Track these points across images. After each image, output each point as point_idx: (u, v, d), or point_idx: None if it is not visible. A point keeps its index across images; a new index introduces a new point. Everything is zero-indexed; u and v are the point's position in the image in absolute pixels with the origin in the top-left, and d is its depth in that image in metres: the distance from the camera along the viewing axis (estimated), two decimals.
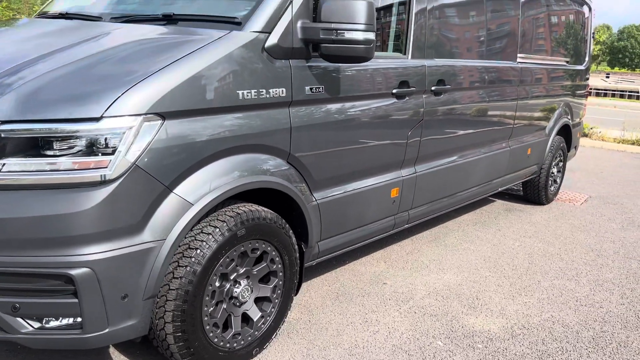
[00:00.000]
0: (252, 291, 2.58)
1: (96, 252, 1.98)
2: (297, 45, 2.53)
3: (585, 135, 11.58)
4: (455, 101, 3.81)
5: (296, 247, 2.74)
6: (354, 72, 2.87)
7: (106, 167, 1.98)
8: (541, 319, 3.30)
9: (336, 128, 2.84)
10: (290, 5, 2.49)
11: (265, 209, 2.53)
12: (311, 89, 2.63)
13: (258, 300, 2.63)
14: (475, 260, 4.20)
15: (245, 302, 2.55)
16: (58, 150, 1.97)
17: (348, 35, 2.47)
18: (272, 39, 2.43)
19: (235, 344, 2.51)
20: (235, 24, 2.40)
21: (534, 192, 5.92)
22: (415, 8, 3.30)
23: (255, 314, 2.60)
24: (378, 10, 3.22)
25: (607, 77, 64.29)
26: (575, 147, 6.84)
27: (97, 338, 2.06)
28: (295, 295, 2.89)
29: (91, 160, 1.98)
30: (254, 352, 2.61)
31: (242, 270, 2.50)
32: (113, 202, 1.99)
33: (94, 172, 1.98)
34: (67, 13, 2.95)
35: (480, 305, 3.43)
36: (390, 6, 3.33)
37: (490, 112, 4.41)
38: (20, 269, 1.95)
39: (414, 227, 4.75)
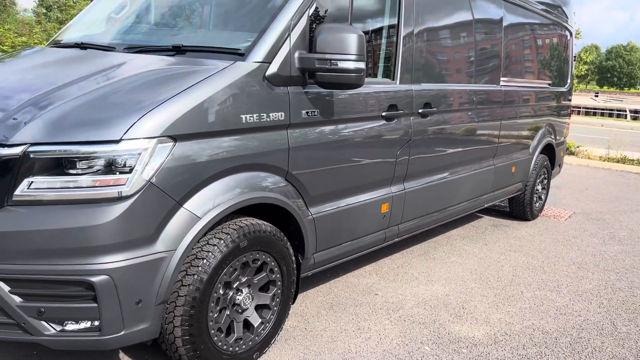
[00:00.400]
0: (253, 299, 2.79)
1: (114, 261, 2.19)
2: (295, 73, 2.79)
3: (572, 153, 11.91)
4: (441, 122, 4.07)
5: (293, 258, 2.96)
6: (346, 97, 3.12)
7: (124, 185, 2.21)
8: (522, 326, 3.52)
9: (330, 148, 3.08)
10: (289, 38, 2.75)
11: (265, 223, 2.75)
12: (307, 112, 2.88)
13: (258, 308, 2.84)
14: (462, 273, 4.43)
15: (246, 309, 2.76)
16: (80, 169, 2.20)
17: (341, 64, 2.73)
18: (272, 68, 2.69)
19: (237, 348, 2.71)
20: (239, 54, 2.66)
21: (519, 209, 6.18)
22: (402, 36, 3.58)
23: (255, 320, 2.81)
24: (368, 38, 3.49)
25: (596, 96, 65.34)
26: (560, 165, 7.14)
27: (114, 340, 2.26)
28: (293, 303, 3.10)
29: (110, 178, 2.21)
30: (254, 356, 2.81)
31: (244, 279, 2.71)
32: (129, 216, 2.21)
33: (113, 188, 2.20)
34: (82, 43, 3.19)
35: (465, 314, 3.65)
36: (379, 34, 3.60)
37: (475, 133, 4.68)
38: (46, 277, 2.16)
39: (404, 241, 4.99)
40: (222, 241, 2.52)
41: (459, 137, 4.43)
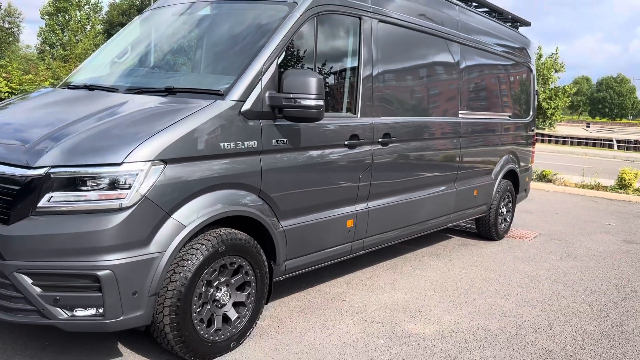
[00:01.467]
0: (230, 296, 3.33)
1: (115, 259, 2.75)
2: (266, 109, 3.40)
3: (549, 180, 12.52)
4: (400, 150, 4.67)
5: (266, 263, 3.51)
6: (312, 128, 3.73)
7: (124, 198, 2.78)
8: (469, 326, 4.05)
9: (298, 171, 3.67)
10: (261, 81, 3.37)
11: (241, 232, 3.32)
12: (277, 141, 3.48)
13: (235, 305, 3.38)
14: (424, 284, 4.96)
15: (225, 305, 3.30)
16: (90, 186, 2.78)
17: (303, 102, 3.34)
18: (247, 106, 3.30)
19: (217, 337, 3.24)
20: (219, 94, 3.27)
21: (485, 229, 6.74)
22: (361, 77, 4.21)
23: (233, 315, 3.34)
24: (332, 78, 4.13)
25: (588, 126, 66.52)
26: (526, 190, 7.74)
27: (114, 324, 2.80)
28: (266, 303, 3.63)
29: (113, 193, 2.79)
30: (231, 345, 3.33)
31: (222, 279, 3.26)
32: (128, 223, 2.78)
33: (115, 201, 2.78)
34: (90, 85, 3.82)
35: (420, 316, 4.18)
36: (342, 75, 4.24)
37: (434, 159, 5.29)
38: (61, 271, 2.71)
39: (375, 257, 5.55)
40: (203, 246, 3.08)
41: (419, 163, 5.02)
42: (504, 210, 6.97)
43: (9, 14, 45.36)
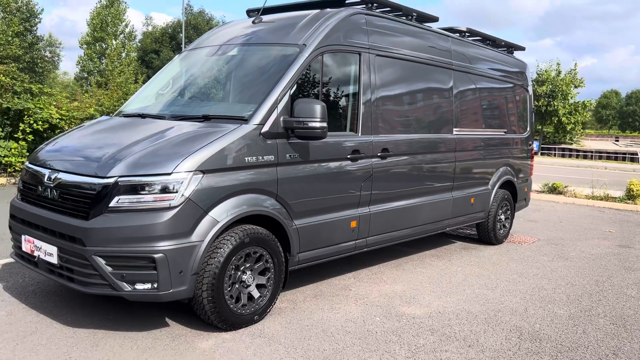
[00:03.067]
0: (254, 279, 4.18)
1: (167, 245, 3.64)
2: (281, 130, 4.28)
3: (560, 192, 13.06)
4: (398, 163, 5.49)
5: (282, 254, 4.36)
6: (319, 144, 4.58)
7: (172, 200, 3.68)
8: (455, 309, 4.81)
9: (307, 180, 4.53)
10: (276, 108, 4.26)
11: (262, 228, 4.18)
12: (290, 155, 4.36)
13: (258, 286, 4.23)
14: (422, 278, 5.73)
15: (249, 286, 4.15)
16: (147, 191, 3.69)
17: (310, 124, 4.21)
18: (265, 128, 4.19)
19: (243, 311, 4.09)
20: (244, 120, 4.17)
21: (484, 234, 7.46)
22: (361, 101, 5.07)
23: (256, 294, 4.19)
24: (336, 103, 5.00)
25: (617, 140, 65.71)
26: (525, 200, 8.41)
27: (165, 295, 3.68)
28: (283, 287, 4.47)
29: (164, 196, 3.69)
30: (255, 318, 4.18)
31: (247, 265, 4.12)
32: (176, 218, 3.68)
33: (166, 202, 3.68)
34: (142, 114, 4.78)
35: (414, 301, 4.96)
36: (345, 99, 5.10)
37: (430, 171, 6.07)
38: (127, 254, 3.62)
39: (381, 257, 6.34)
40: (232, 238, 3.96)
41: (415, 174, 5.82)
42: (502, 217, 7.66)
43: (50, 44, 48.08)
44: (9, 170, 10.98)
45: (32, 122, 11.20)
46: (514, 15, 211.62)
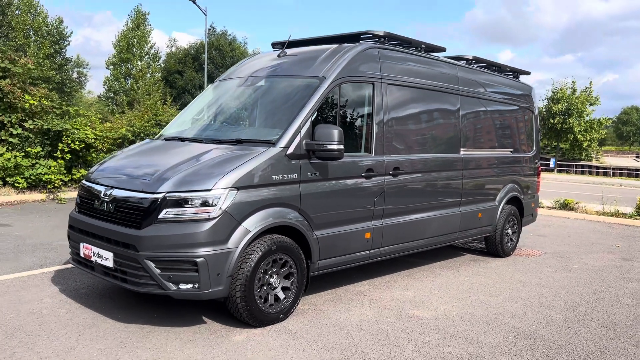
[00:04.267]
0: (280, 282, 4.78)
1: (207, 251, 4.27)
2: (303, 152, 4.90)
3: (571, 209, 13.44)
4: (409, 180, 6.07)
5: (304, 261, 4.95)
6: (337, 164, 5.18)
7: (212, 212, 4.32)
8: (459, 312, 5.33)
9: (327, 195, 5.13)
10: (300, 133, 4.89)
11: (287, 237, 4.78)
12: (311, 174, 4.97)
13: (283, 289, 4.81)
14: (431, 286, 6.26)
15: (276, 288, 4.75)
16: (190, 204, 4.34)
17: (329, 146, 4.83)
18: (290, 150, 4.81)
19: (271, 310, 4.68)
20: (271, 143, 4.80)
21: (492, 247, 7.96)
22: (375, 124, 5.67)
23: (281, 295, 4.78)
24: (353, 127, 5.62)
25: (638, 157, 65.10)
26: (532, 215, 8.89)
27: (205, 294, 4.30)
28: (305, 291, 5.05)
29: (205, 209, 4.33)
30: (281, 317, 4.76)
31: (274, 269, 4.72)
32: (215, 228, 4.31)
33: (206, 214, 4.32)
34: (183, 137, 5.46)
35: (423, 305, 5.49)
36: (360, 124, 5.71)
37: (438, 187, 6.63)
38: (173, 258, 4.25)
39: (394, 268, 6.89)
40: (262, 245, 4.56)
41: (425, 190, 6.39)
42: (510, 231, 8.15)
43: (77, 65, 49.91)
44: (48, 187, 11.80)
45: (69, 142, 12.04)
46: (534, 31, 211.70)
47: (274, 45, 6.69)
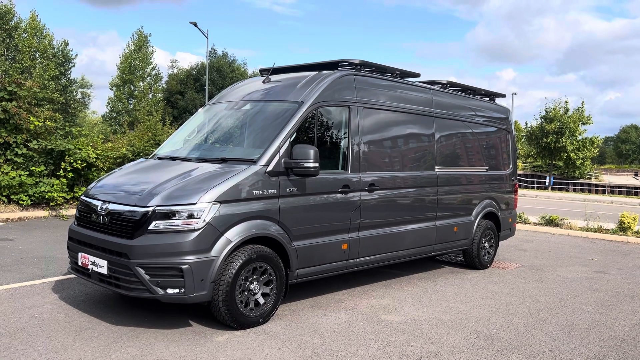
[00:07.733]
0: (260, 289, 5.23)
1: (192, 258, 4.73)
2: (282, 169, 5.40)
3: (557, 225, 13.87)
4: (384, 195, 6.55)
5: (283, 269, 5.40)
6: (314, 180, 5.67)
7: (196, 224, 4.80)
8: (428, 317, 5.76)
9: (304, 209, 5.61)
10: (279, 152, 5.39)
11: (266, 247, 5.25)
12: (289, 189, 5.46)
13: (263, 294, 5.26)
14: (406, 295, 6.69)
15: (256, 294, 5.20)
16: (177, 217, 4.82)
17: (305, 164, 5.32)
18: (270, 167, 5.31)
19: (251, 314, 5.12)
20: (253, 162, 5.30)
21: (469, 259, 8.39)
22: (351, 144, 6.17)
23: (261, 300, 5.23)
24: (330, 146, 6.12)
25: (637, 175, 65.46)
26: (510, 229, 9.33)
27: (190, 298, 4.75)
28: (284, 297, 5.49)
29: (190, 221, 4.81)
30: (260, 320, 5.20)
31: (254, 277, 5.17)
32: (199, 238, 4.78)
33: (191, 225, 4.79)
34: (174, 157, 5.97)
35: (395, 311, 5.92)
36: (337, 143, 6.21)
37: (413, 202, 7.09)
38: (161, 265, 4.72)
39: (373, 278, 7.32)
40: (243, 255, 5.03)
41: (400, 204, 6.86)
42: (487, 244, 8.59)
43: (81, 85, 50.86)
44: (51, 204, 12.31)
45: (72, 161, 12.57)
46: (535, 50, 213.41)
47: (261, 71, 7.24)
